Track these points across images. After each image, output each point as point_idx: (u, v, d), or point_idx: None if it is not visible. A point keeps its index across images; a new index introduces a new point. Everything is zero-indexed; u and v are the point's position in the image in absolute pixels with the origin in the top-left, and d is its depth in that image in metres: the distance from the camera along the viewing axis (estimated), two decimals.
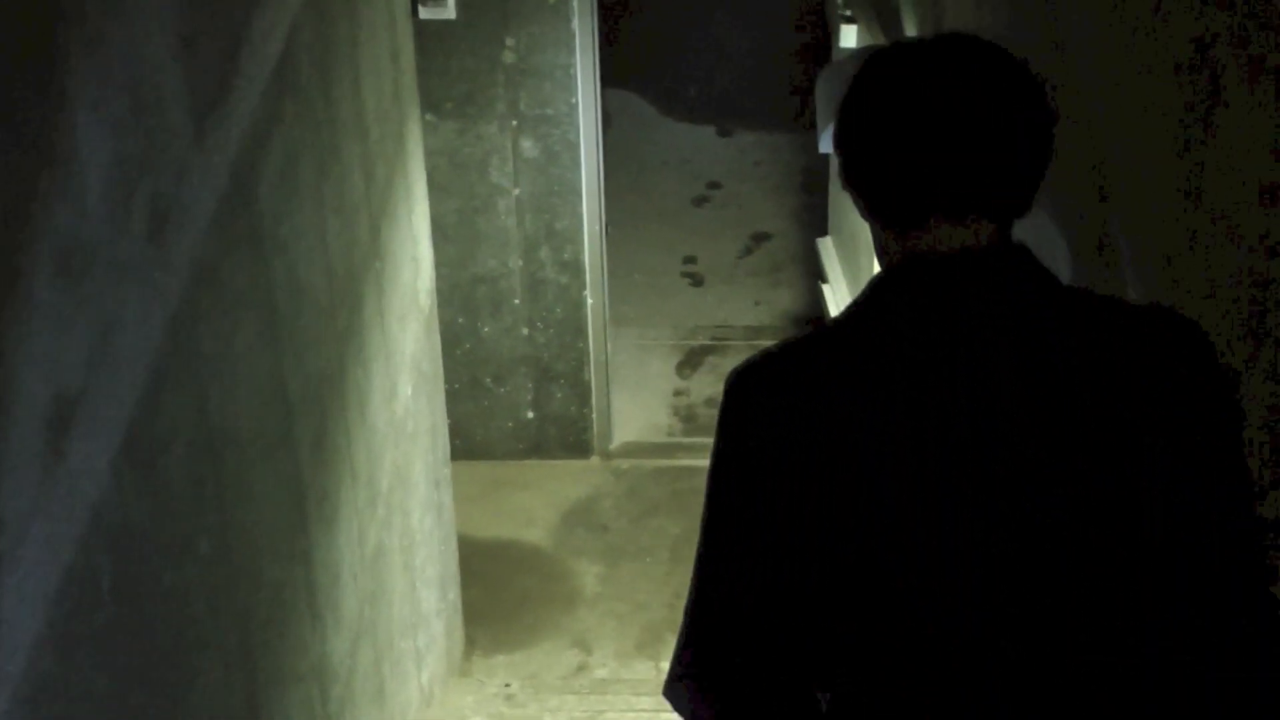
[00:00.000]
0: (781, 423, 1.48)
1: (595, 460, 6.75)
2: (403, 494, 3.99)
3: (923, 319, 1.45)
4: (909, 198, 1.48)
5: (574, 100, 6.01)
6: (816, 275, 7.05)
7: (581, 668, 5.55)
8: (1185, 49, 1.63)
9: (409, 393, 4.09)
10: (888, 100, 1.48)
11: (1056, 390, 1.42)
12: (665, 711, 5.48)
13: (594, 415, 6.69)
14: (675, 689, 1.66)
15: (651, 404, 7.14)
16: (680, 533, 6.17)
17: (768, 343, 1.69)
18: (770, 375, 1.52)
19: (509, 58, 5.95)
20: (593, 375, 6.61)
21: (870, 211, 1.54)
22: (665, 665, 5.47)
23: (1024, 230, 1.49)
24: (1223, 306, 1.57)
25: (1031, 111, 1.49)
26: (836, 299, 6.28)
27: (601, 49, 6.11)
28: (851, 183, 1.54)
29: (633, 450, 6.82)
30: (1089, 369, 1.43)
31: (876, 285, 1.51)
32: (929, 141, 1.45)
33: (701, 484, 1.58)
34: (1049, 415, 1.42)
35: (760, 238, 8.28)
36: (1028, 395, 1.42)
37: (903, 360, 1.44)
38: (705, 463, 1.56)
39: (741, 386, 1.53)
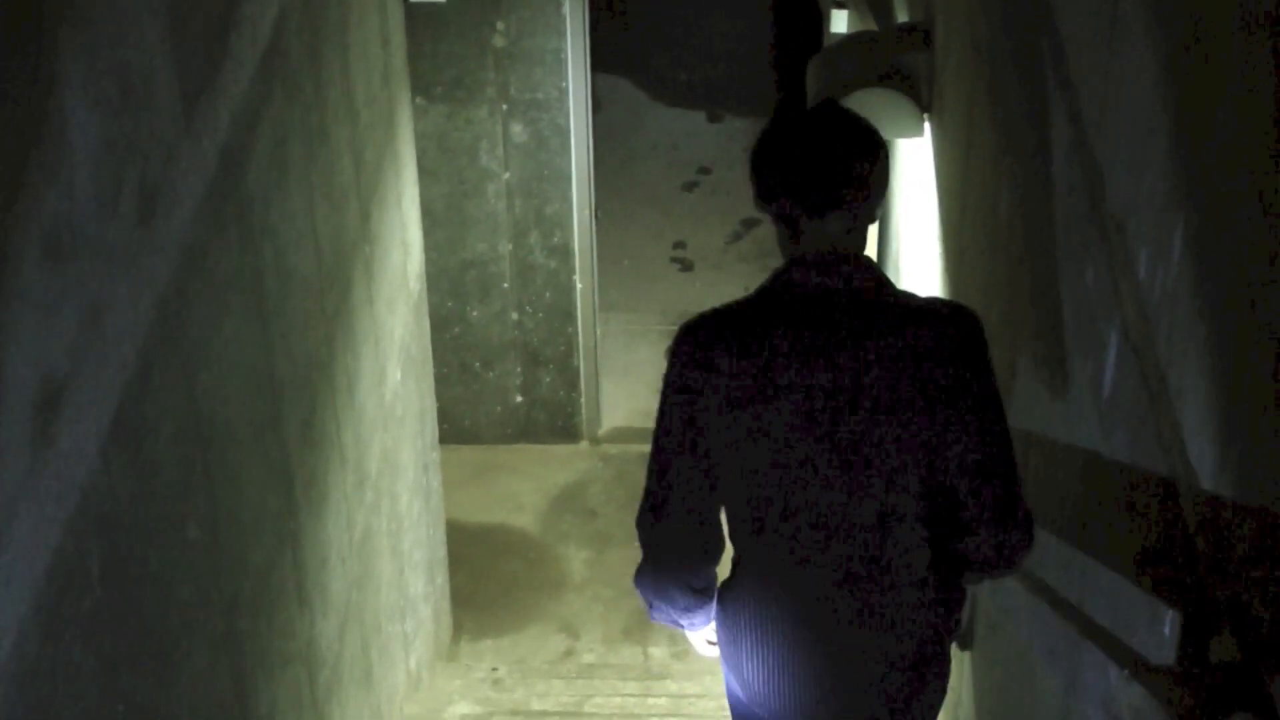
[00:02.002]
0: (688, 361, 2.22)
1: (584, 445, 6.76)
2: (391, 478, 3.99)
3: (793, 297, 2.21)
4: (789, 207, 2.19)
5: (564, 85, 6.00)
6: None
7: (568, 652, 5.56)
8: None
9: (398, 377, 4.09)
10: (772, 148, 2.23)
11: (854, 351, 2.17)
12: (652, 697, 5.49)
13: (583, 400, 6.70)
14: (640, 583, 2.42)
15: (640, 389, 7.14)
16: None
17: None
18: (692, 327, 2.25)
19: (499, 42, 5.94)
20: (582, 360, 6.61)
21: (773, 220, 2.24)
22: (652, 650, 5.48)
23: None
24: None
25: (864, 148, 2.19)
26: None
27: (592, 33, 6.10)
28: (759, 204, 2.25)
29: (621, 435, 6.82)
30: (880, 338, 2.16)
31: (776, 274, 2.25)
32: (794, 171, 2.19)
33: None
34: (846, 366, 2.17)
35: (750, 223, 8.28)
36: (837, 353, 2.17)
37: (770, 327, 2.19)
38: None
39: (677, 336, 2.26)
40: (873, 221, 2.24)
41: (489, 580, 5.93)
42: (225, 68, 2.26)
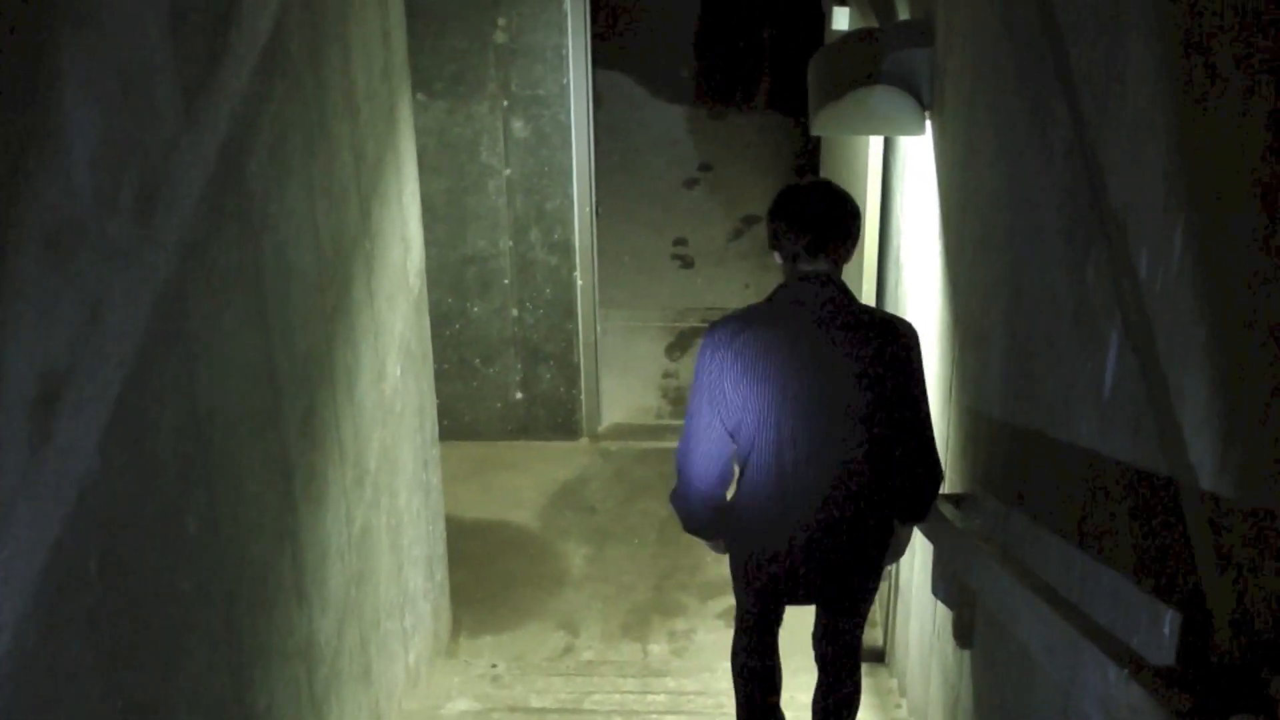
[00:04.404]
0: (719, 345, 3.22)
1: (584, 441, 6.75)
2: (390, 474, 3.99)
3: (790, 302, 3.20)
4: (796, 246, 3.17)
5: (565, 81, 5.99)
6: None
7: (568, 649, 5.56)
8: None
9: (397, 373, 4.08)
10: (787, 205, 3.21)
11: (828, 343, 3.16)
12: (651, 694, 5.49)
13: (583, 396, 6.69)
14: (678, 501, 3.45)
15: (640, 386, 7.14)
16: (667, 515, 6.18)
17: None
18: (722, 323, 3.26)
19: (500, 38, 5.93)
20: (582, 357, 6.60)
21: (780, 255, 3.23)
22: (652, 648, 5.51)
23: None
24: None
25: (847, 212, 3.20)
26: None
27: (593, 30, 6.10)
28: (772, 242, 3.23)
29: (621, 432, 6.82)
30: (847, 334, 3.15)
31: (780, 287, 3.24)
32: (802, 223, 3.16)
33: None
34: (823, 352, 3.16)
35: (750, 220, 8.27)
36: (822, 335, 3.16)
37: (776, 319, 3.19)
38: None
39: (709, 330, 3.27)
40: (848, 261, 3.22)
41: (488, 577, 5.93)
42: (225, 63, 2.26)
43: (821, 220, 3.13)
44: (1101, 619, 1.95)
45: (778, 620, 3.64)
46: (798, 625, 4.25)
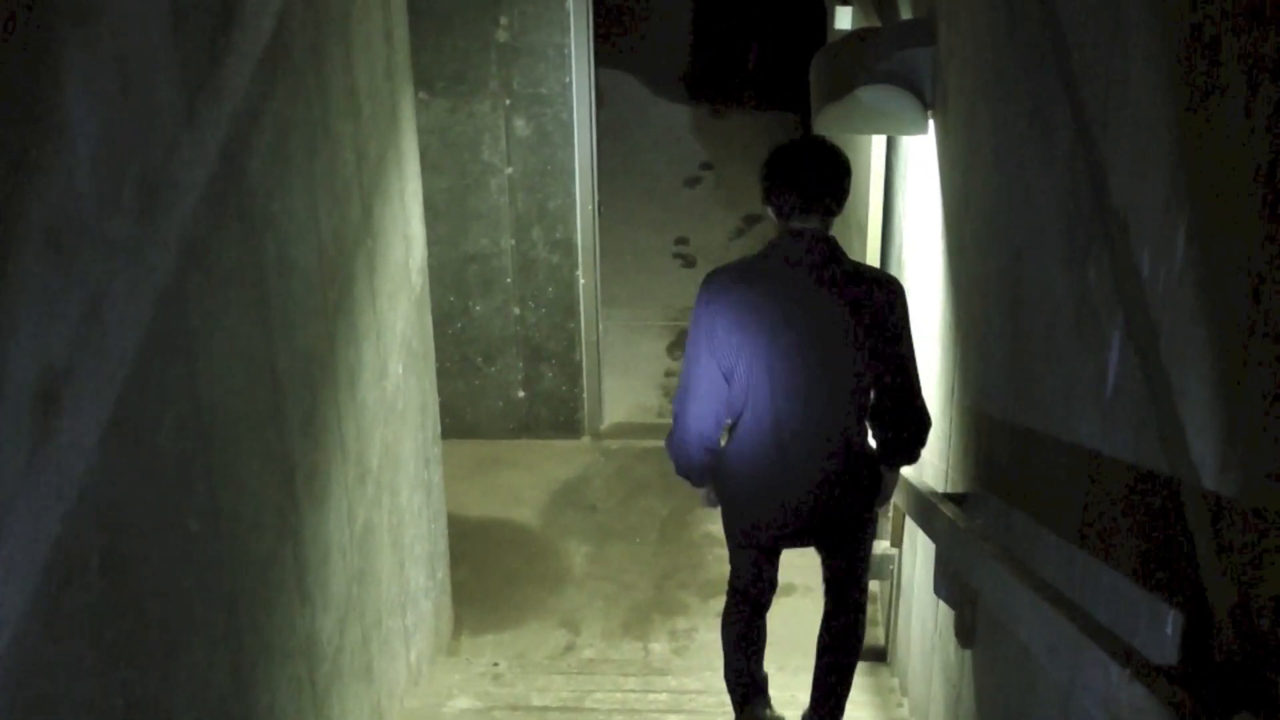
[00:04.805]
0: (714, 294, 3.40)
1: (585, 440, 6.75)
2: (392, 472, 3.99)
3: (782, 256, 3.37)
4: (787, 203, 3.34)
5: (567, 79, 5.99)
6: None
7: (569, 647, 5.56)
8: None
9: (399, 371, 4.08)
10: (780, 163, 3.37)
11: (818, 296, 3.35)
12: (652, 692, 5.48)
13: (584, 395, 6.69)
14: (672, 445, 3.59)
15: (641, 384, 7.14)
16: (668, 513, 6.18)
17: None
18: (717, 273, 3.47)
19: (502, 36, 5.93)
20: (583, 355, 6.60)
21: (772, 210, 3.39)
22: (653, 646, 5.51)
23: None
24: None
25: (838, 170, 3.34)
26: None
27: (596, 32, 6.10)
28: (765, 198, 3.38)
29: (622, 430, 6.82)
30: (836, 288, 3.34)
31: (772, 242, 3.42)
32: (794, 181, 3.32)
33: None
34: (812, 305, 3.34)
35: (751, 220, 8.27)
36: (811, 287, 3.34)
37: (769, 271, 3.38)
38: None
39: (705, 279, 3.47)
40: (838, 215, 3.36)
41: (490, 575, 5.93)
42: (227, 61, 2.26)
43: (814, 179, 3.28)
44: (1103, 618, 1.94)
45: (771, 585, 3.83)
46: (795, 622, 4.25)
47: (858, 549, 3.71)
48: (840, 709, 3.91)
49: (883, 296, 3.34)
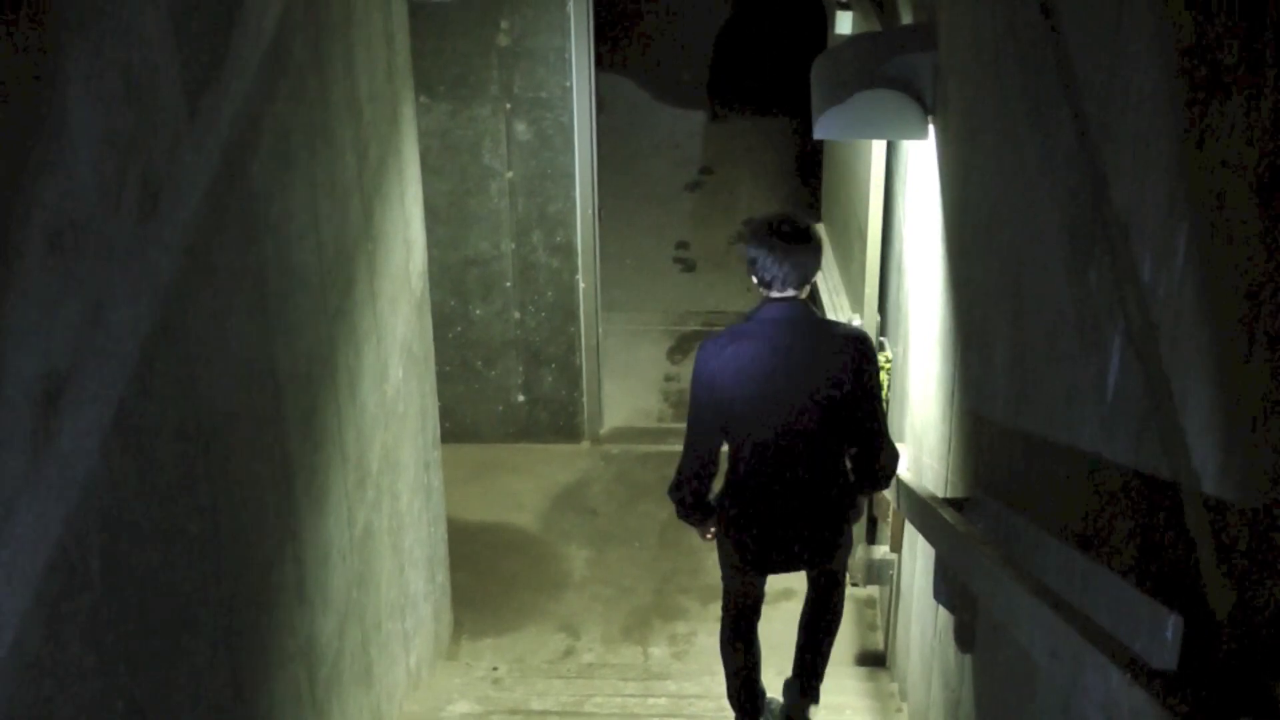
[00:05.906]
0: (709, 360, 3.82)
1: (585, 444, 6.75)
2: (392, 476, 3.99)
3: (769, 321, 3.77)
4: (771, 276, 3.72)
5: (568, 84, 6.00)
6: None
7: (568, 652, 5.56)
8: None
9: (399, 375, 4.08)
10: (762, 243, 3.72)
11: (799, 351, 3.75)
12: (652, 697, 5.47)
13: (584, 399, 6.69)
14: (673, 492, 4.00)
15: (642, 389, 7.14)
16: (668, 518, 6.18)
17: None
18: (711, 340, 3.87)
19: (503, 40, 5.93)
20: (583, 359, 6.60)
21: (756, 279, 3.77)
22: (653, 650, 5.51)
23: None
24: None
25: (812, 248, 3.75)
26: (828, 284, 6.28)
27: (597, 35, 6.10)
28: (750, 271, 3.77)
29: (622, 435, 6.82)
30: (814, 344, 3.76)
31: (758, 308, 3.82)
32: (775, 259, 3.71)
33: None
34: (795, 359, 3.75)
35: (752, 224, 8.27)
36: (791, 352, 3.75)
37: (756, 337, 3.78)
38: None
39: (702, 345, 3.88)
40: (811, 282, 3.82)
41: (489, 579, 5.92)
42: (228, 64, 2.26)
43: (793, 256, 3.74)
44: (1103, 623, 1.94)
45: (758, 604, 4.31)
46: (794, 628, 4.24)
47: (835, 555, 4.18)
48: (819, 674, 4.40)
49: (855, 349, 3.79)
